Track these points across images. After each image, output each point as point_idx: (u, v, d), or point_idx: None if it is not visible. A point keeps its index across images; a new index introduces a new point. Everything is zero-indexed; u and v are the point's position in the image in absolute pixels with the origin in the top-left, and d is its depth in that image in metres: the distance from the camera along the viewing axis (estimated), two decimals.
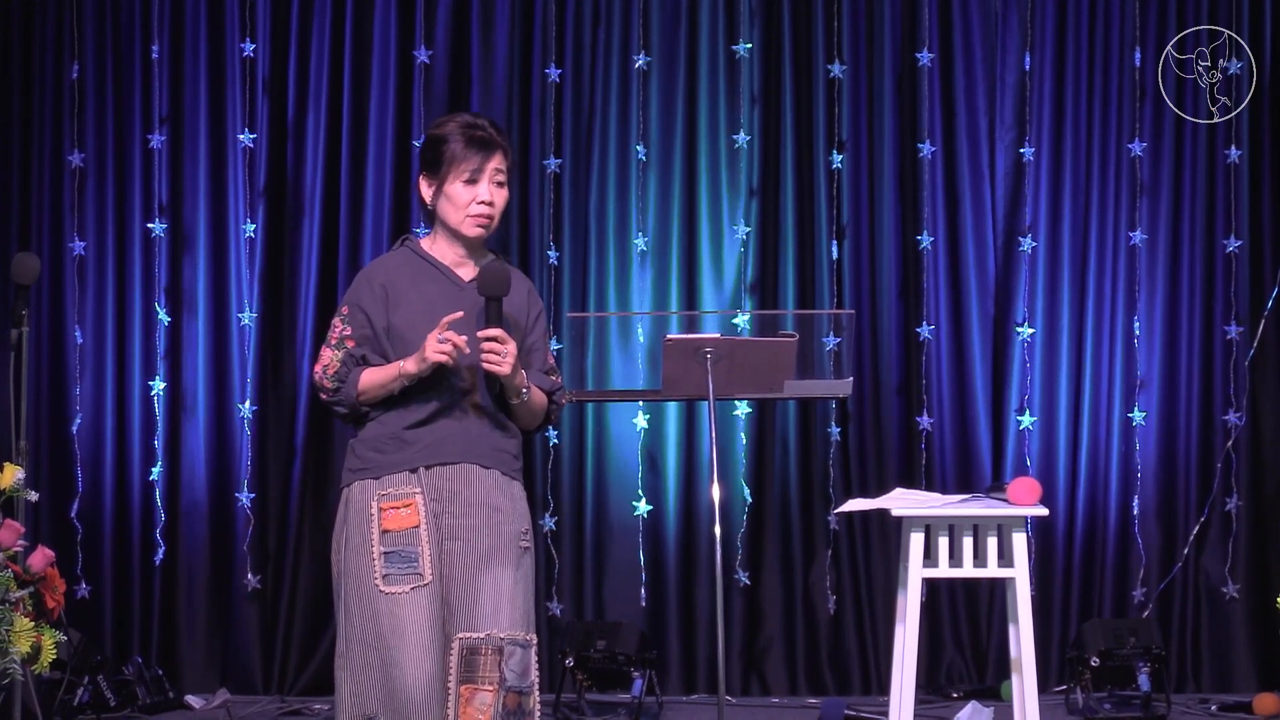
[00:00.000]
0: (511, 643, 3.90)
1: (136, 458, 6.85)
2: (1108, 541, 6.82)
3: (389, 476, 3.97)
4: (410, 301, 4.00)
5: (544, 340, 4.12)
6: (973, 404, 6.87)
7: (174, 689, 6.66)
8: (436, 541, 3.93)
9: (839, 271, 6.86)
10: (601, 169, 6.91)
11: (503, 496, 3.98)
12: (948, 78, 6.89)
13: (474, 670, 3.89)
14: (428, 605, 3.89)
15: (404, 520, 3.94)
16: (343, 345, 4.03)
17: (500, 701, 3.88)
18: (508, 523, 3.97)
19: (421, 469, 3.96)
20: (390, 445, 3.98)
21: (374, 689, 3.89)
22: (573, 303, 6.88)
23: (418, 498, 3.94)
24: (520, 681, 3.91)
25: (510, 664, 3.89)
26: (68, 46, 6.89)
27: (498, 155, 4.01)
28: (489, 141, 4.00)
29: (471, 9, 6.91)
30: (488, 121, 4.06)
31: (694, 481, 6.86)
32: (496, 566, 3.92)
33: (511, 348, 3.91)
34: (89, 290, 6.88)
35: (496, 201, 4.01)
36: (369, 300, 4.02)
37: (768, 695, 6.82)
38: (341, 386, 4.02)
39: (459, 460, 3.96)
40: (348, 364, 4.02)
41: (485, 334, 3.90)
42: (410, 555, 3.91)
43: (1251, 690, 6.65)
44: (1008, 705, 6.00)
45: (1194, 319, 6.85)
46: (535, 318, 4.10)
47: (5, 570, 4.40)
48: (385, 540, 3.93)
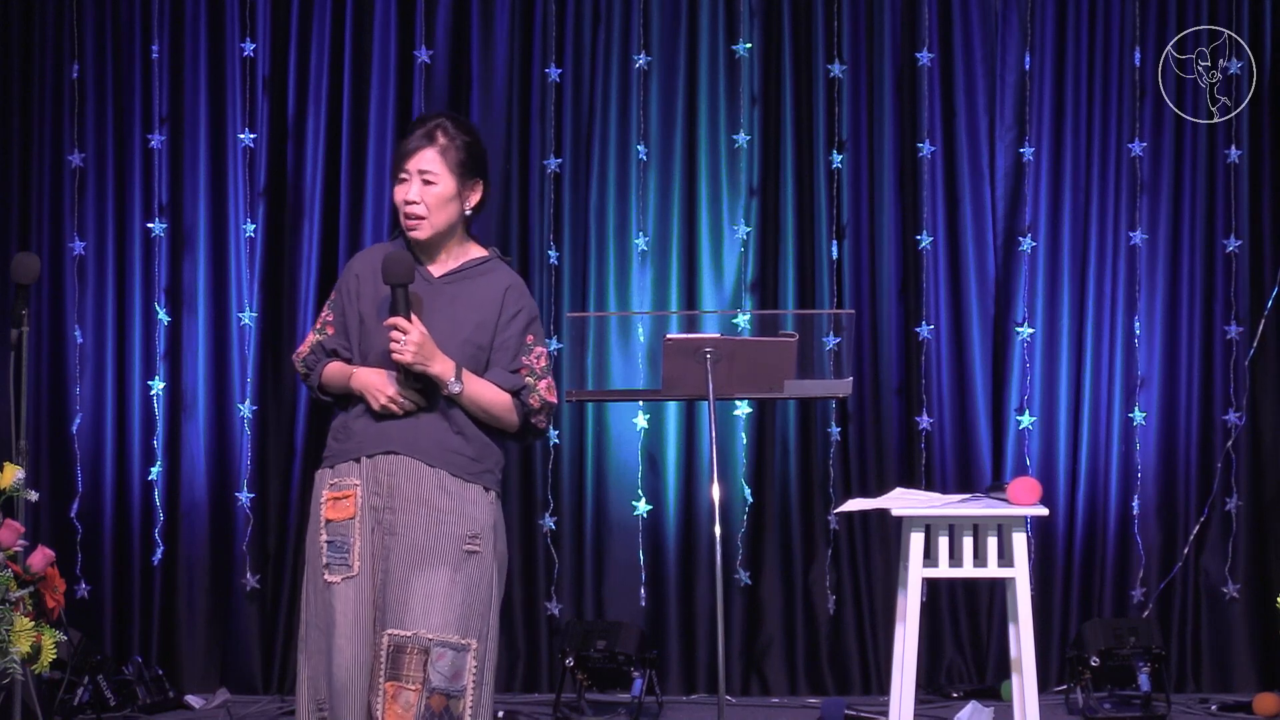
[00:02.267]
0: (441, 644, 3.89)
1: (136, 457, 6.85)
2: (1108, 541, 6.82)
3: (340, 465, 4.02)
4: (375, 293, 4.03)
5: (520, 340, 4.06)
6: (973, 404, 6.87)
7: (174, 689, 6.66)
8: (375, 535, 3.95)
9: (839, 271, 6.86)
10: (601, 169, 6.91)
11: (447, 497, 3.96)
12: (948, 77, 6.89)
13: (399, 669, 3.89)
14: (355, 597, 3.92)
15: (343, 511, 3.99)
16: (322, 331, 4.13)
17: (424, 702, 3.88)
18: (449, 524, 3.94)
19: (365, 458, 3.98)
20: (342, 434, 4.05)
21: (322, 675, 3.95)
22: (573, 303, 6.88)
23: (357, 489, 3.97)
24: (449, 684, 3.89)
25: (438, 665, 3.88)
26: (68, 46, 6.89)
27: (423, 153, 4.00)
28: (418, 141, 4.01)
29: (471, 9, 6.91)
30: (435, 119, 4.05)
31: (694, 481, 6.86)
32: (432, 567, 3.91)
33: (414, 335, 3.90)
34: (89, 290, 6.87)
35: (427, 200, 3.99)
36: (345, 289, 4.10)
37: (768, 695, 6.82)
38: (309, 374, 4.12)
39: (400, 452, 3.97)
40: (317, 353, 4.12)
41: (388, 322, 3.93)
42: (344, 546, 3.96)
43: (1251, 690, 6.65)
44: (1008, 705, 6.00)
45: (1194, 319, 6.85)
46: (512, 316, 4.05)
47: (5, 570, 4.40)
48: (328, 529, 3.99)
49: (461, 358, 3.99)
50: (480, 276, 4.08)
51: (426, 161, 4.00)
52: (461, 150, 4.03)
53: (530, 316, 4.09)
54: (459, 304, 4.03)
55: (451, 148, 4.01)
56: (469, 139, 4.06)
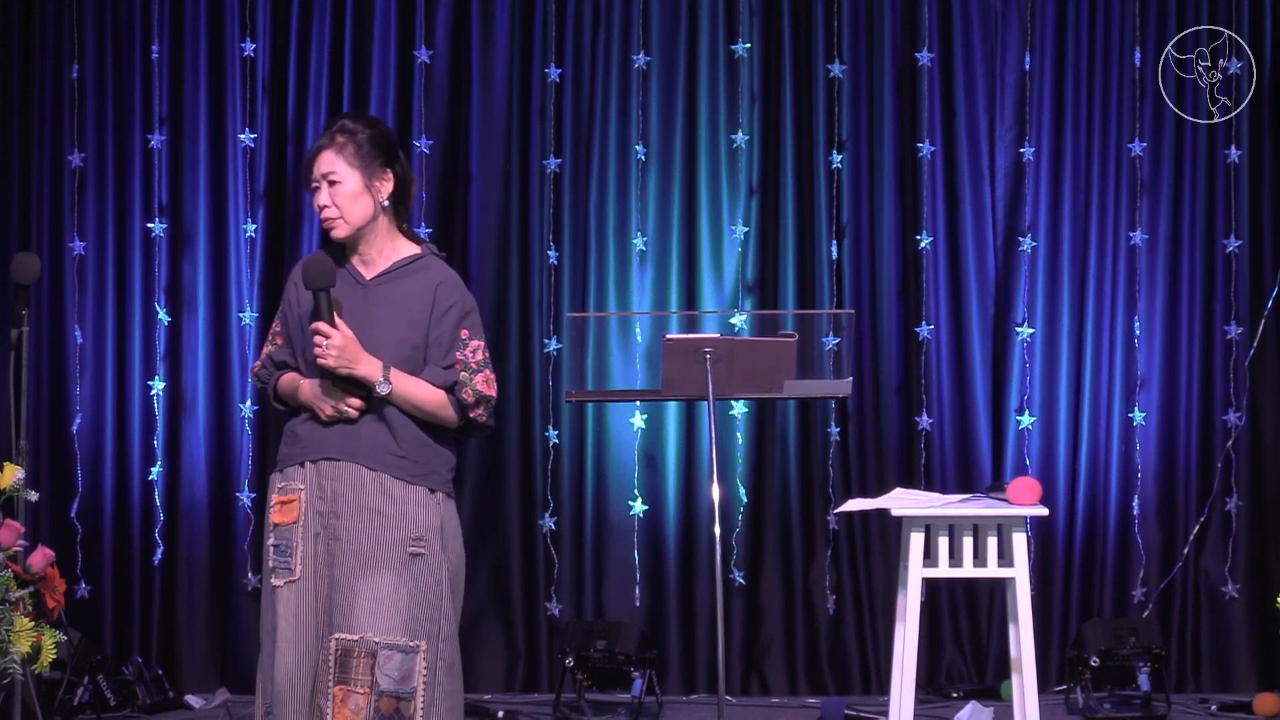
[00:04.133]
0: (388, 647, 3.89)
1: (136, 457, 6.85)
2: (1108, 541, 6.82)
3: (288, 469, 4.04)
4: (306, 300, 4.04)
5: (454, 336, 4.04)
6: (972, 404, 6.87)
7: (174, 689, 6.66)
8: (320, 540, 3.96)
9: (839, 271, 6.86)
10: (601, 169, 6.91)
11: (388, 501, 3.95)
12: (948, 77, 6.89)
13: (347, 672, 3.89)
14: (296, 601, 3.94)
15: (287, 515, 4.00)
16: (272, 342, 4.16)
17: (373, 705, 3.88)
18: (391, 528, 3.94)
19: (309, 463, 4.00)
20: (289, 439, 4.08)
21: (269, 679, 3.97)
22: (573, 303, 6.88)
23: (302, 493, 3.99)
24: (398, 686, 3.89)
25: (385, 668, 3.88)
26: (68, 46, 6.89)
27: (322, 156, 4.01)
28: (317, 144, 4.04)
29: (471, 9, 6.91)
30: (334, 121, 4.07)
31: (694, 481, 6.86)
32: (376, 571, 3.91)
33: (337, 339, 3.90)
34: (89, 290, 6.88)
35: (336, 200, 4.00)
36: (286, 298, 4.13)
37: (768, 695, 6.82)
38: (265, 387, 4.16)
39: (342, 458, 3.98)
40: (268, 365, 4.14)
41: (311, 327, 3.95)
42: (287, 550, 3.97)
43: (1251, 690, 6.65)
44: (1008, 705, 6.00)
45: (1194, 319, 6.85)
46: (444, 311, 4.03)
47: (5, 570, 4.40)
48: (275, 533, 4.01)
49: (396, 358, 3.98)
50: (411, 275, 4.06)
51: (327, 163, 4.00)
52: (362, 144, 4.02)
53: (464, 310, 4.06)
54: (391, 305, 4.02)
55: (350, 143, 4.01)
56: (369, 131, 4.04)
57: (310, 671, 3.93)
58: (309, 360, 4.02)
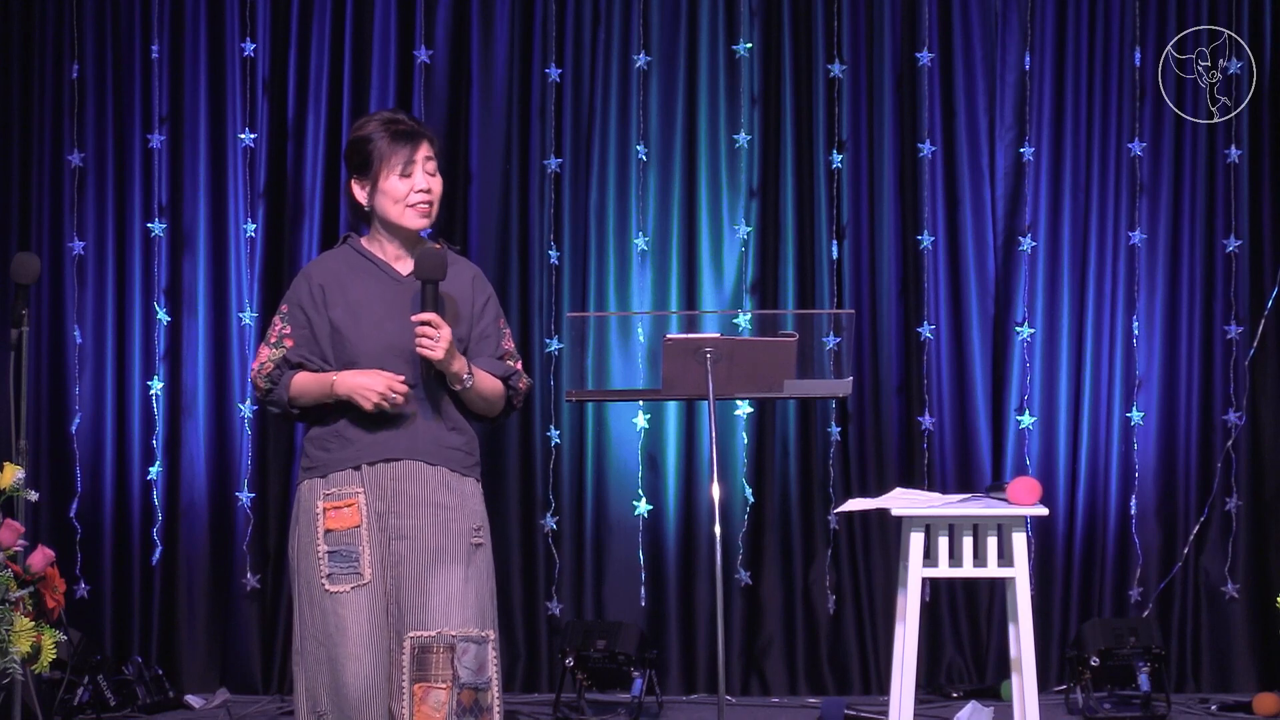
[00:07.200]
0: (464, 639, 3.91)
1: (136, 457, 6.85)
2: (1107, 541, 6.82)
3: (335, 474, 3.99)
4: (348, 298, 4.02)
5: (496, 326, 4.09)
6: (973, 404, 6.87)
7: (174, 689, 6.67)
8: (382, 541, 3.94)
9: (839, 271, 6.87)
10: (601, 169, 6.91)
11: (450, 494, 3.97)
12: (948, 78, 6.89)
13: (426, 669, 3.90)
14: (368, 605, 3.92)
15: (346, 520, 3.96)
16: (281, 345, 4.07)
17: (455, 699, 3.90)
18: (456, 520, 3.96)
19: (365, 466, 3.98)
20: (335, 443, 4.01)
21: (324, 686, 3.93)
22: (573, 302, 6.88)
23: (360, 497, 3.96)
24: (475, 678, 3.92)
25: (464, 660, 3.91)
26: (68, 46, 6.89)
27: (424, 144, 4.02)
28: (414, 133, 4.02)
29: (471, 9, 6.91)
30: (406, 115, 4.08)
31: (694, 481, 6.86)
32: (446, 565, 3.93)
33: (446, 333, 3.90)
34: (89, 290, 6.88)
35: (433, 188, 4.03)
36: (307, 300, 4.05)
37: (768, 695, 6.82)
38: (274, 389, 4.07)
39: (402, 457, 3.97)
40: (281, 366, 4.06)
41: (418, 318, 3.91)
42: (351, 555, 3.93)
43: (1251, 690, 6.65)
44: (1008, 705, 6.00)
45: (1194, 319, 6.85)
46: (484, 304, 4.08)
47: (5, 570, 4.40)
48: (329, 540, 3.96)
49: None
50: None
51: (428, 150, 4.03)
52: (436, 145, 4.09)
53: (495, 301, 4.13)
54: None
55: (434, 140, 4.07)
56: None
57: (387, 673, 3.93)
58: (362, 354, 3.97)
